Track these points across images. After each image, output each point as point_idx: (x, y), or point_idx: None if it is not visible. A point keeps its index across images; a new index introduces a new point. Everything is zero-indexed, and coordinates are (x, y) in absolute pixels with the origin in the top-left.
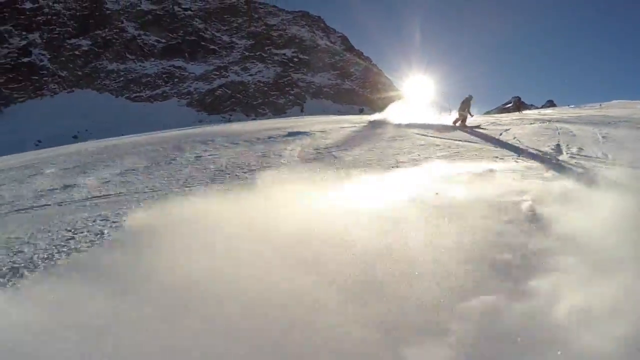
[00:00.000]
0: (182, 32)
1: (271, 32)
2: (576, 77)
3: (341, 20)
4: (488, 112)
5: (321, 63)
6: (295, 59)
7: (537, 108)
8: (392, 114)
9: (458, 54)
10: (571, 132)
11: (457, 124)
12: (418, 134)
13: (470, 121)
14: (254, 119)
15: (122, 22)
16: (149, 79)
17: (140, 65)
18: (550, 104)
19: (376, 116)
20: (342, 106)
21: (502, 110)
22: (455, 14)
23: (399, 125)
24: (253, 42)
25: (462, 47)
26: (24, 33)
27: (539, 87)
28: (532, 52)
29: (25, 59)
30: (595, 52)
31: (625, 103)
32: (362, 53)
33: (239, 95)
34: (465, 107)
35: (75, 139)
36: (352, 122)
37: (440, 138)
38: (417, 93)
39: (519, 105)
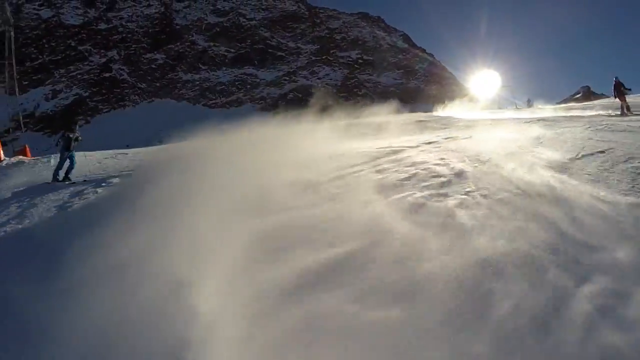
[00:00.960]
0: (249, 41)
1: (334, 36)
2: None
3: (401, 18)
4: (558, 103)
5: (385, 63)
6: (360, 60)
7: (607, 97)
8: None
9: (525, 45)
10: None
11: (625, 111)
12: None
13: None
14: None
15: (192, 36)
16: (223, 86)
17: (213, 75)
18: None
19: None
20: (411, 105)
21: (572, 100)
22: (520, 3)
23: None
24: (318, 46)
25: (529, 38)
26: (102, 51)
27: (610, 76)
28: (602, 40)
29: (107, 74)
30: None
31: None
32: (425, 50)
33: (309, 98)
34: (621, 91)
35: (161, 143)
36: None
37: None
38: (483, 88)
39: (588, 95)
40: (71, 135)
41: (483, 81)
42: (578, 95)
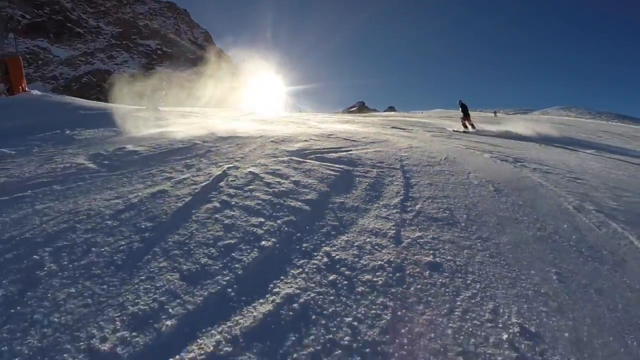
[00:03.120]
0: (48, 9)
1: (138, 21)
2: (418, 85)
3: (205, 15)
4: (337, 113)
5: (183, 57)
6: (159, 52)
7: (378, 112)
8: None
9: (307, 58)
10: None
11: (470, 128)
12: None
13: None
14: None
15: None
16: None
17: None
18: (391, 109)
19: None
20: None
21: (349, 111)
22: (304, 19)
23: None
24: (120, 30)
25: (311, 54)
26: None
27: (381, 93)
28: (377, 60)
29: None
30: (439, 61)
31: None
32: (222, 50)
33: (104, 84)
34: (466, 113)
35: None
36: None
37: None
38: (271, 93)
39: (362, 108)
40: None
41: (271, 87)
42: (354, 109)
